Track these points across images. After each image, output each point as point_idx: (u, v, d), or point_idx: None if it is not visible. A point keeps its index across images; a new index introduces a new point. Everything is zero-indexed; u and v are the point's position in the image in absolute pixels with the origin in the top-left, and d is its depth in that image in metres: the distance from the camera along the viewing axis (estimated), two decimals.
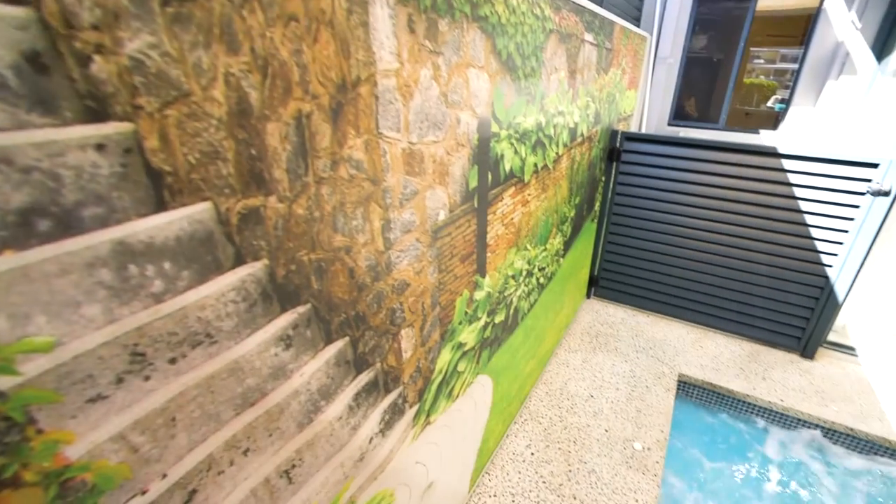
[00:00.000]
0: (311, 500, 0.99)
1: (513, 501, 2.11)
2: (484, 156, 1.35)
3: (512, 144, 1.52)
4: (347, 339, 0.98)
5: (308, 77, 0.73)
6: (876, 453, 2.62)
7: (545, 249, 2.21)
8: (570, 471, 2.25)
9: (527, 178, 1.74)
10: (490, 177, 1.43)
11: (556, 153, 2.03)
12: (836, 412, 2.73)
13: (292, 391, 0.86)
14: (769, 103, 11.25)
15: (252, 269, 0.73)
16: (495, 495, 2.13)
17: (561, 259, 2.57)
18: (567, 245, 2.64)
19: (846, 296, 3.01)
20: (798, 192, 2.91)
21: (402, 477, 1.38)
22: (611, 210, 3.44)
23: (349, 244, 0.91)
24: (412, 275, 1.14)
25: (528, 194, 1.81)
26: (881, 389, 2.95)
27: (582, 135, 2.38)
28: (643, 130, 5.34)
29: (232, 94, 0.62)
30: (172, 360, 0.64)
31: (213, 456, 0.74)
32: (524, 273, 1.99)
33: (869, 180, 2.74)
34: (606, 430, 2.48)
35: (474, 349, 1.65)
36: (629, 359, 3.06)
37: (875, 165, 2.70)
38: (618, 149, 3.24)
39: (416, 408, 1.35)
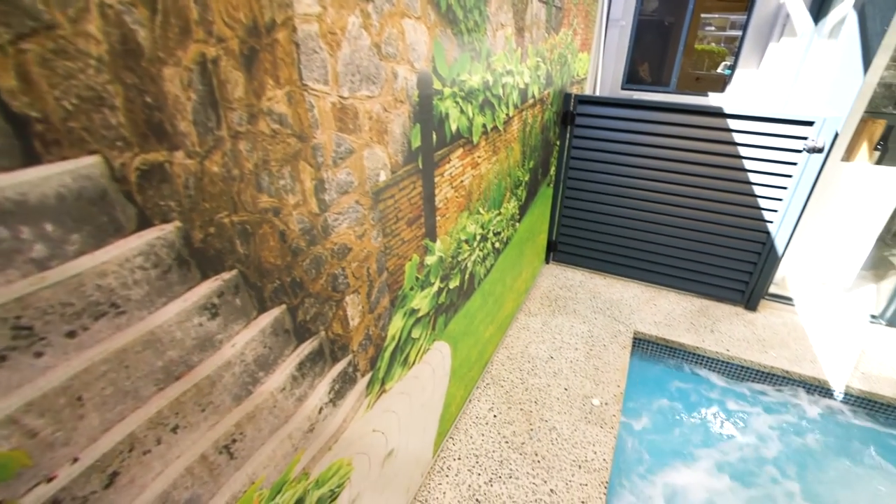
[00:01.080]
0: (258, 475, 0.96)
1: (477, 463, 2.15)
2: (426, 114, 1.30)
3: (457, 103, 1.47)
4: (284, 306, 0.93)
5: (210, 16, 0.66)
6: (809, 392, 2.83)
7: (499, 214, 2.20)
8: (531, 429, 2.31)
9: (475, 139, 1.70)
10: (435, 137, 1.39)
11: (507, 115, 1.99)
12: (775, 357, 2.92)
13: (224, 363, 0.81)
14: (719, 69, 11.57)
15: (162, 233, 0.66)
16: (459, 458, 2.17)
17: (517, 224, 2.57)
18: (523, 210, 2.64)
19: (785, 249, 3.18)
20: (742, 150, 3.01)
21: (359, 446, 1.37)
22: (566, 174, 3.46)
23: (277, 205, 0.85)
24: (353, 239, 1.09)
25: (478, 156, 1.77)
26: (813, 335, 3.16)
27: (533, 97, 2.35)
28: (597, 94, 5.37)
29: (112, 31, 0.55)
30: (71, 334, 0.58)
31: (136, 435, 0.69)
32: (478, 238, 1.97)
33: (805, 138, 2.85)
34: (566, 389, 2.56)
35: (429, 315, 1.64)
36: (587, 320, 3.14)
37: (810, 123, 2.81)
38: (571, 112, 3.24)
39: (368, 376, 1.32)
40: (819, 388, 2.81)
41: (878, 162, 3.39)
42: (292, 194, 0.88)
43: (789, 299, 3.60)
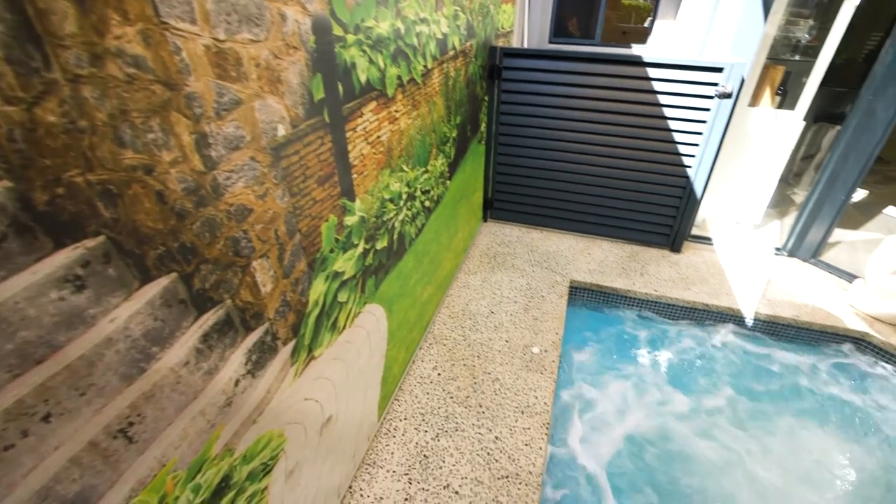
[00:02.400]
0: (169, 456, 0.90)
1: (423, 420, 2.18)
2: (328, 63, 1.21)
3: (364, 52, 1.39)
4: (175, 275, 0.85)
5: None
6: (725, 322, 3.09)
7: (426, 171, 2.16)
8: (475, 383, 2.37)
9: (390, 91, 1.62)
10: (342, 88, 1.30)
11: (425, 67, 1.92)
12: (697, 293, 3.14)
13: (103, 340, 0.73)
14: (646, 24, 11.86)
15: None
16: (405, 418, 2.19)
17: (447, 181, 2.54)
18: (453, 167, 2.61)
19: (703, 193, 3.38)
20: (661, 99, 3.11)
21: (291, 416, 1.33)
22: (497, 130, 3.45)
23: (149, 162, 0.76)
24: (254, 199, 1.01)
25: (396, 110, 1.70)
26: (729, 270, 3.43)
27: (454, 48, 2.28)
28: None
29: None
30: None
31: None
32: (405, 196, 1.93)
33: (715, 84, 2.99)
34: (507, 341, 2.63)
35: (355, 278, 1.59)
36: (525, 273, 3.22)
37: (719, 70, 2.94)
38: (498, 66, 3.19)
39: (292, 344, 1.27)
40: (734, 317, 3.07)
41: (780, 106, 3.63)
42: (167, 150, 0.79)
43: (709, 239, 3.86)
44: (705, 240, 3.84)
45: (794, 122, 3.53)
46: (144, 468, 0.85)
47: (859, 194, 4.95)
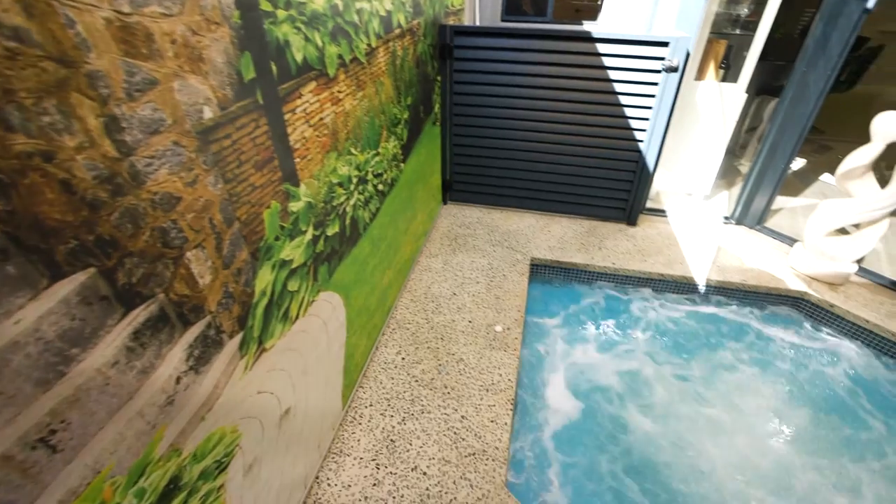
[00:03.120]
0: (104, 463, 0.85)
1: (389, 406, 2.18)
2: (257, 41, 1.15)
3: (298, 29, 1.32)
4: (93, 270, 0.79)
5: None
6: (681, 292, 3.21)
7: (378, 154, 2.11)
8: (439, 365, 2.37)
9: (331, 71, 1.56)
10: (275, 68, 1.24)
11: (368, 45, 1.85)
12: (653, 264, 3.24)
13: (7, 345, 0.67)
14: (597, 0, 11.95)
15: None
16: (371, 404, 2.18)
17: (401, 164, 2.50)
18: (406, 149, 2.57)
19: (655, 166, 3.46)
20: (612, 74, 3.14)
21: (244, 410, 1.29)
22: (452, 111, 3.41)
23: (48, 148, 0.70)
24: (182, 186, 0.96)
25: (339, 91, 1.64)
26: (682, 241, 3.55)
27: (400, 26, 2.22)
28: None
29: None
30: None
31: None
32: (355, 180, 1.88)
33: (663, 58, 3.04)
34: (470, 322, 2.64)
35: (306, 266, 1.55)
36: (486, 253, 3.23)
37: (665, 44, 2.99)
38: (449, 45, 3.14)
39: (239, 337, 1.23)
40: (687, 285, 3.19)
41: (723, 79, 3.75)
42: (69, 134, 0.72)
43: (663, 212, 3.98)
44: (659, 212, 3.96)
45: (737, 94, 3.66)
46: (75, 477, 0.80)
47: (798, 163, 5.21)
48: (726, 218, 3.87)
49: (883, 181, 2.89)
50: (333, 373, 1.94)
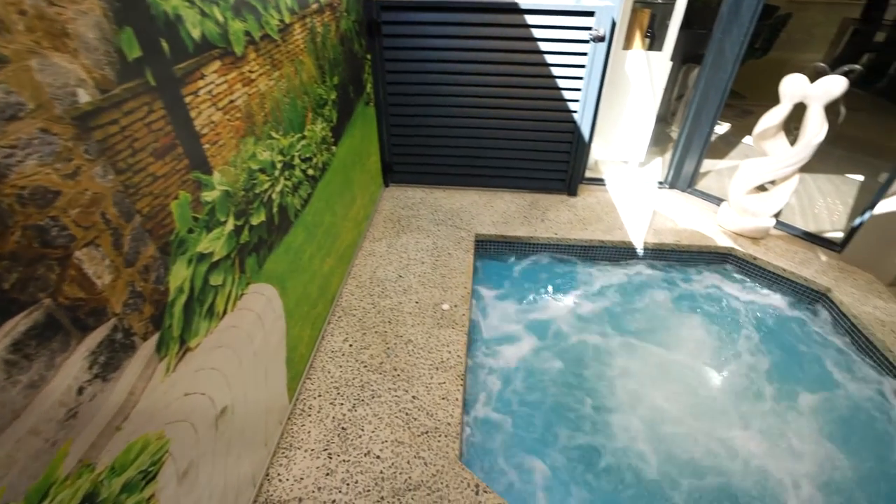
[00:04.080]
0: None
1: (338, 394, 2.14)
2: (140, 14, 1.04)
3: (192, 2, 1.22)
4: None
5: None
6: (621, 256, 3.33)
7: (304, 137, 2.02)
8: (388, 348, 2.36)
9: (238, 49, 1.46)
10: (167, 46, 1.14)
11: (281, 21, 1.75)
12: (593, 231, 3.34)
13: None
14: None
15: None
16: (320, 395, 2.14)
17: (332, 147, 2.41)
18: (337, 132, 2.48)
19: (590, 136, 3.54)
20: (542, 45, 3.15)
21: (170, 414, 1.22)
22: (386, 91, 3.32)
23: None
24: (58, 179, 0.86)
25: (251, 71, 1.55)
26: (620, 207, 3.68)
27: (317, 1, 2.11)
28: None
29: None
30: None
31: None
32: (279, 166, 1.79)
33: (590, 28, 3.09)
34: (417, 302, 2.63)
35: (230, 258, 1.47)
36: (431, 233, 3.22)
37: (591, 14, 3.03)
38: (376, 20, 3.04)
39: (155, 338, 1.15)
40: (626, 249, 3.32)
41: (650, 48, 3.86)
42: None
43: (601, 180, 4.10)
44: (598, 181, 4.07)
45: (662, 62, 3.78)
46: None
47: (723, 128, 5.51)
48: (660, 183, 4.04)
49: (793, 139, 3.09)
50: (275, 366, 1.88)
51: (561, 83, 3.27)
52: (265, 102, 1.66)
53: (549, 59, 3.17)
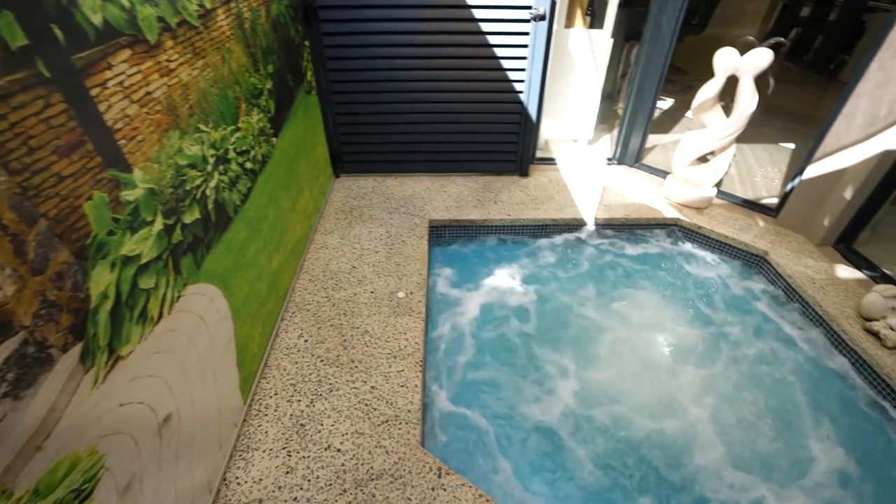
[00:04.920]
0: None
1: (295, 391, 2.10)
2: None
3: None
4: None
5: None
6: (573, 232, 3.40)
7: (239, 130, 1.94)
8: (344, 340, 2.33)
9: (151, 37, 1.37)
10: (61, 33, 1.05)
11: (201, 6, 1.65)
12: (545, 210, 3.39)
13: None
14: None
15: None
16: (276, 393, 2.09)
17: (272, 139, 2.33)
18: (276, 123, 2.39)
19: (538, 116, 3.57)
20: (484, 26, 3.13)
21: (103, 428, 1.16)
22: (328, 79, 3.23)
23: None
24: None
25: (169, 60, 1.46)
26: (571, 185, 3.75)
27: None
28: None
29: None
30: None
31: None
32: (212, 160, 1.71)
33: (530, 7, 3.09)
34: (372, 293, 2.60)
35: (161, 259, 1.39)
36: (384, 222, 3.18)
37: None
38: (311, 5, 2.93)
39: (77, 349, 1.08)
40: (578, 225, 3.39)
41: (591, 26, 3.91)
42: None
43: (552, 160, 4.16)
44: (549, 161, 4.13)
45: (604, 40, 3.84)
46: None
47: (667, 103, 5.69)
48: (609, 159, 4.14)
49: (728, 111, 3.22)
50: (224, 368, 1.82)
51: (505, 63, 3.27)
52: (190, 94, 1.57)
53: (492, 39, 3.16)
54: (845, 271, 2.87)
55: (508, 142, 3.66)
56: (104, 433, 1.16)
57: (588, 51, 3.86)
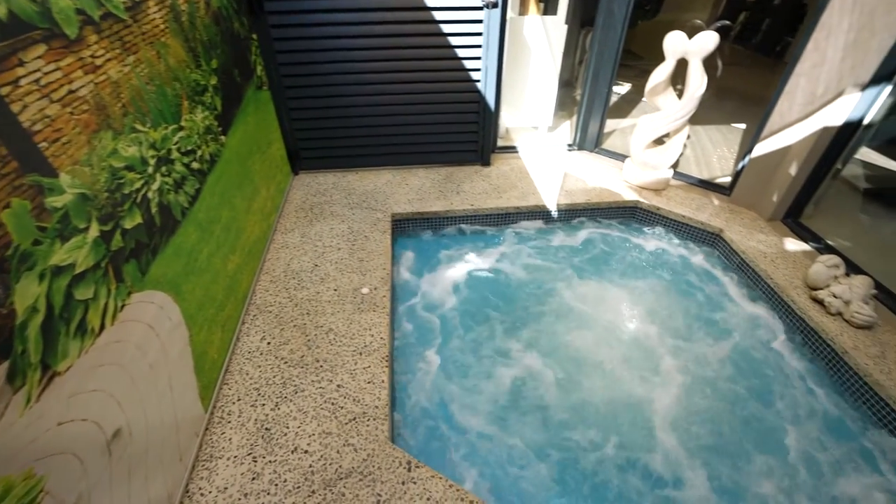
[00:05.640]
0: None
1: (259, 395, 2.05)
2: None
3: None
4: None
5: None
6: (536, 219, 3.44)
7: (181, 128, 1.85)
8: (308, 340, 2.28)
9: (71, 31, 1.28)
10: None
11: None
12: (508, 198, 3.41)
13: None
14: None
15: None
16: (239, 398, 2.04)
17: (221, 137, 2.24)
18: (224, 120, 2.30)
19: (496, 104, 3.57)
20: (437, 15, 3.10)
21: (40, 449, 1.09)
22: (279, 73, 3.13)
23: None
24: None
25: (94, 56, 1.37)
26: (533, 173, 3.78)
27: None
28: None
29: None
30: None
31: None
32: (153, 161, 1.63)
33: None
34: (336, 290, 2.56)
35: (100, 267, 1.32)
36: (346, 218, 3.13)
37: None
38: None
39: (4, 367, 1.01)
40: (542, 212, 3.42)
41: (545, 13, 3.93)
42: None
43: (514, 148, 4.18)
44: (511, 149, 4.15)
45: (558, 26, 3.86)
46: None
47: (625, 88, 5.79)
48: (569, 145, 4.18)
49: (681, 94, 3.30)
50: (181, 377, 1.75)
51: (461, 52, 3.25)
52: (121, 92, 1.49)
53: (447, 28, 3.13)
54: (793, 244, 3.00)
55: (468, 131, 3.65)
56: (42, 455, 1.10)
57: (543, 37, 3.88)
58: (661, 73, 3.22)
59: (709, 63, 3.16)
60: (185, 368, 1.79)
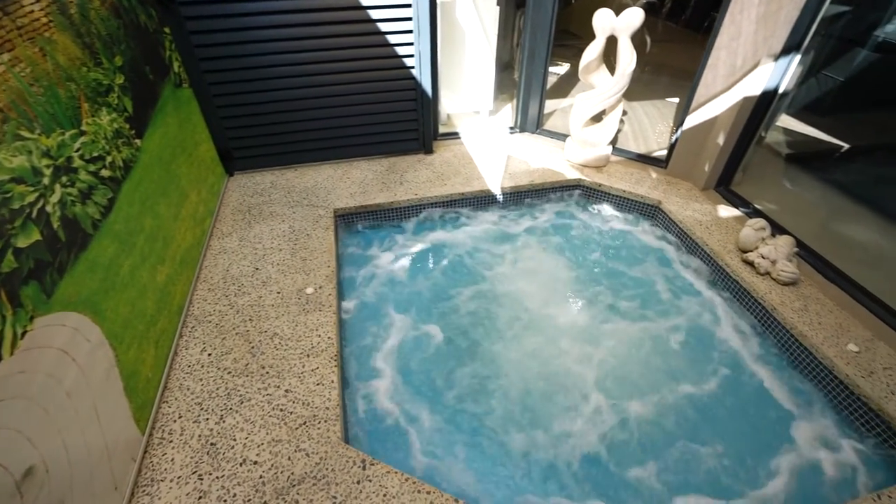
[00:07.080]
0: None
1: (202, 410, 1.95)
2: None
3: None
4: None
5: None
6: (482, 204, 3.44)
7: (82, 133, 1.70)
8: (252, 347, 2.19)
9: None
10: None
11: None
12: (452, 185, 3.38)
13: None
14: None
15: None
16: (181, 416, 1.93)
17: (135, 141, 2.08)
18: (138, 122, 2.14)
19: (434, 91, 3.51)
20: (365, 1, 3.00)
21: None
22: (201, 69, 2.95)
23: None
24: None
25: None
26: (476, 158, 3.76)
27: None
28: None
29: None
30: None
31: None
32: (49, 171, 1.49)
33: None
34: (279, 293, 2.46)
35: None
36: (286, 217, 3.01)
37: None
38: None
39: None
40: (487, 197, 3.43)
41: None
42: None
43: (456, 134, 4.15)
44: (453, 135, 4.12)
45: (490, 7, 3.84)
46: None
47: (564, 68, 5.86)
48: (511, 128, 4.20)
49: (614, 71, 3.36)
50: (108, 400, 1.63)
51: (392, 38, 3.16)
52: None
53: (375, 14, 3.04)
54: (725, 211, 3.14)
55: (408, 119, 3.59)
56: None
57: (476, 20, 3.85)
58: (593, 51, 3.26)
59: (638, 39, 3.23)
60: (112, 391, 1.67)
